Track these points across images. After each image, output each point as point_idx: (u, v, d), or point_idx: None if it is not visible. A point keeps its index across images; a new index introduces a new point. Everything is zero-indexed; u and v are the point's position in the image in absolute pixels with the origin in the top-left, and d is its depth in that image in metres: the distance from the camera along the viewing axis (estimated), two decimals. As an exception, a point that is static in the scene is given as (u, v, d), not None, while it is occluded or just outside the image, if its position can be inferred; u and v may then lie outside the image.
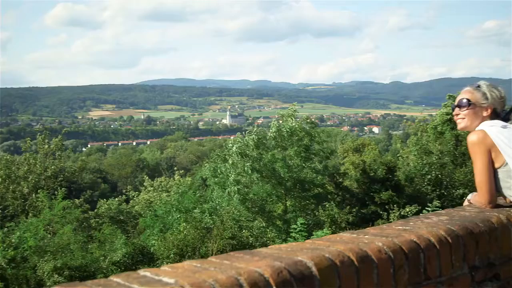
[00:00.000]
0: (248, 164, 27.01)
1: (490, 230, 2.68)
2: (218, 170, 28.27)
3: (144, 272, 1.69)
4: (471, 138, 3.05)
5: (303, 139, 29.17)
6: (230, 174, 27.32)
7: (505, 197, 3.12)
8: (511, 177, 2.98)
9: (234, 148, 28.17)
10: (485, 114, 3.15)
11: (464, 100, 3.18)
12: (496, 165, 3.01)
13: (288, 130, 28.70)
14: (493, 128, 3.03)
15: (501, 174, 3.01)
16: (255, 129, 30.33)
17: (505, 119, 3.16)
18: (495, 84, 3.24)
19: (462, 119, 3.21)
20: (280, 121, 30.27)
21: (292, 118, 29.95)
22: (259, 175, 27.36)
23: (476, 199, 3.12)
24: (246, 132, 30.34)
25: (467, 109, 3.17)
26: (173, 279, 1.60)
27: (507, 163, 2.97)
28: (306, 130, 29.78)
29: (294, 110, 30.97)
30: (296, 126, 29.21)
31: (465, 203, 3.29)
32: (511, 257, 2.78)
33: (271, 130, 29.46)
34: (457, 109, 3.24)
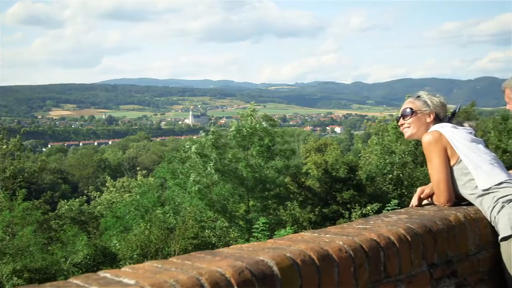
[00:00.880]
0: (211, 164, 26.96)
1: (448, 228, 2.73)
2: (178, 171, 28.16)
3: (104, 273, 1.67)
4: (426, 138, 3.11)
5: (264, 138, 29.22)
6: (189, 175, 27.25)
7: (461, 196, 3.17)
8: (464, 174, 3.04)
9: (193, 148, 28.14)
10: (428, 120, 3.25)
11: (408, 110, 3.29)
12: (451, 163, 3.07)
13: (248, 129, 28.73)
14: (446, 128, 3.11)
15: (455, 171, 3.07)
16: (212, 129, 30.35)
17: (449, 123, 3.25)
18: (434, 93, 3.37)
19: (408, 127, 3.31)
20: (242, 121, 30.29)
21: (251, 118, 30.00)
22: (220, 175, 27.33)
23: (434, 198, 3.17)
24: (204, 132, 30.36)
25: (410, 117, 3.28)
26: (133, 280, 1.59)
27: (460, 161, 3.03)
28: (266, 130, 29.86)
29: (253, 110, 31.04)
30: (257, 125, 29.27)
31: (415, 199, 3.34)
32: (468, 254, 2.84)
33: (230, 130, 29.50)
34: (401, 120, 3.34)
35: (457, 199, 3.19)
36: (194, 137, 32.75)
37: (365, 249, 2.21)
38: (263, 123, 30.37)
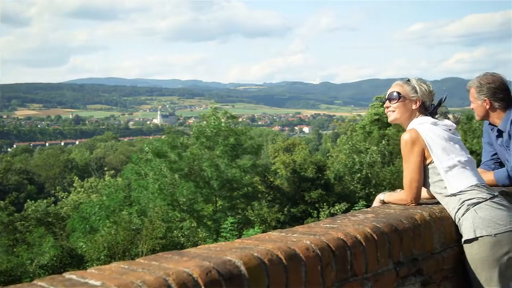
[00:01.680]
0: (163, 164, 26.94)
1: (414, 227, 2.76)
2: (142, 172, 28.05)
3: (70, 275, 1.65)
4: (405, 137, 3.12)
5: (229, 137, 29.24)
6: (149, 175, 27.19)
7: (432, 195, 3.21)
8: (436, 174, 3.08)
9: (147, 148, 28.18)
10: (414, 107, 3.23)
11: (395, 93, 3.26)
12: (426, 162, 3.10)
13: (212, 130, 28.76)
14: (424, 126, 3.12)
15: (430, 170, 3.10)
16: (169, 129, 30.37)
17: (433, 113, 3.26)
18: (424, 80, 3.33)
19: (392, 111, 3.29)
20: (205, 121, 30.31)
21: (214, 117, 30.04)
22: (180, 175, 27.27)
23: (400, 196, 3.19)
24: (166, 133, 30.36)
25: (397, 102, 3.25)
26: (99, 281, 1.57)
27: (434, 160, 3.07)
28: (230, 129, 29.90)
29: (215, 109, 31.06)
30: (222, 125, 29.32)
31: (376, 203, 3.36)
32: (434, 252, 2.88)
33: (193, 130, 29.54)
34: (387, 102, 3.31)
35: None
36: (163, 136, 32.56)
37: (332, 248, 2.23)
38: (223, 121, 30.45)
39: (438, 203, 3.16)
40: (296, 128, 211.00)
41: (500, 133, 3.95)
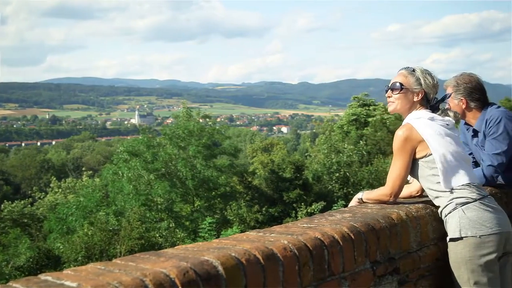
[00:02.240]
0: (137, 164, 26.83)
1: (391, 226, 2.78)
2: (119, 172, 27.90)
3: (45, 276, 1.64)
4: (399, 134, 3.10)
5: (202, 137, 29.21)
6: (125, 175, 27.07)
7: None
8: (429, 168, 3.08)
9: (121, 148, 28.08)
10: (415, 99, 3.20)
11: (397, 84, 3.21)
12: (418, 156, 3.09)
13: (182, 129, 28.73)
14: (421, 120, 3.10)
15: (421, 163, 3.10)
16: (144, 129, 30.30)
17: (435, 107, 3.23)
18: (430, 71, 3.27)
19: (393, 102, 3.25)
20: (178, 122, 30.27)
21: (186, 117, 30.01)
22: (155, 175, 27.19)
23: (381, 191, 3.19)
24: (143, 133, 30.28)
25: (399, 93, 3.21)
26: (75, 282, 1.56)
27: (429, 155, 3.06)
28: (203, 128, 29.90)
29: (187, 108, 31.03)
30: (192, 124, 29.30)
31: (353, 203, 3.36)
32: (410, 251, 2.90)
33: (162, 131, 29.51)
34: (389, 92, 3.26)
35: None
36: (140, 137, 32.41)
37: (310, 247, 2.23)
38: (202, 121, 30.44)
39: (414, 202, 3.19)
40: (274, 128, 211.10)
41: (475, 133, 3.99)
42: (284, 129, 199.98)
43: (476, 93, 3.94)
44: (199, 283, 1.74)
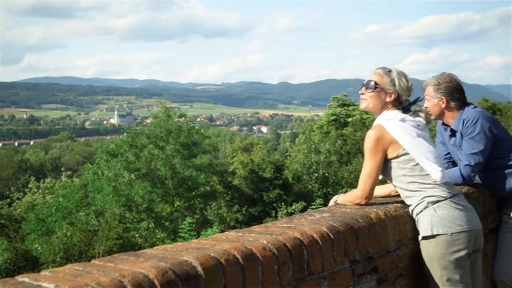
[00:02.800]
0: (119, 164, 26.71)
1: (369, 226, 2.80)
2: (99, 172, 27.72)
3: (22, 277, 1.62)
4: (370, 134, 3.11)
5: (180, 136, 29.16)
6: (105, 175, 26.93)
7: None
8: (401, 168, 3.11)
9: (102, 148, 27.98)
10: (388, 99, 3.22)
11: (372, 83, 3.23)
12: (389, 156, 3.11)
13: (161, 129, 28.67)
14: (392, 122, 3.12)
15: (392, 164, 3.12)
16: (127, 129, 30.18)
17: (406, 109, 3.26)
18: (406, 74, 3.29)
19: (366, 100, 3.26)
20: (156, 122, 30.19)
21: (166, 117, 29.95)
22: (136, 175, 27.08)
23: (353, 193, 3.20)
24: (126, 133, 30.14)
25: (372, 91, 3.23)
26: (53, 283, 1.55)
27: (402, 155, 3.09)
28: (180, 128, 29.84)
29: (165, 108, 30.97)
30: (170, 123, 29.26)
31: (331, 203, 3.37)
32: (389, 250, 2.92)
33: (140, 131, 29.42)
34: (363, 89, 3.28)
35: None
36: (119, 137, 32.26)
37: (289, 247, 2.24)
38: (182, 120, 30.37)
39: (393, 202, 3.21)
40: (254, 128, 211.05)
41: (453, 133, 4.02)
42: (264, 129, 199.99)
43: (457, 92, 3.97)
44: (178, 284, 1.73)
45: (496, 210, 4.13)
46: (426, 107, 4.08)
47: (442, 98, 3.96)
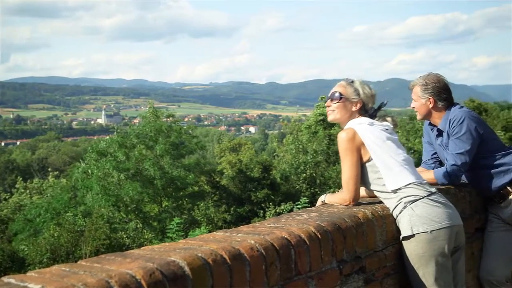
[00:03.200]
0: (109, 163, 26.60)
1: (357, 225, 2.81)
2: (89, 171, 27.57)
3: (8, 278, 1.61)
4: (342, 136, 3.15)
5: (170, 136, 29.08)
6: (95, 174, 26.80)
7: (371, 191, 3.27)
8: (374, 172, 3.14)
9: (90, 148, 27.84)
10: (354, 108, 3.28)
11: (337, 94, 3.30)
12: (363, 160, 3.15)
13: (151, 129, 28.58)
14: (362, 126, 3.17)
15: (368, 168, 3.15)
16: (117, 128, 30.04)
17: (373, 116, 3.32)
18: (368, 82, 3.38)
19: (333, 111, 3.33)
20: (144, 122, 30.09)
21: (154, 117, 29.86)
22: (125, 175, 26.98)
23: (340, 196, 3.23)
24: (115, 132, 30.00)
25: (338, 102, 3.30)
26: (39, 284, 1.54)
27: (372, 159, 3.12)
28: (171, 127, 29.76)
29: (153, 108, 30.88)
30: (161, 124, 29.18)
31: (318, 203, 3.38)
32: (376, 250, 2.93)
33: (130, 131, 29.31)
34: (329, 101, 3.35)
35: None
36: (107, 137, 32.07)
37: (276, 247, 2.24)
38: (169, 120, 30.29)
39: (380, 202, 3.22)
40: (242, 128, 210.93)
41: (440, 133, 4.03)
42: (252, 129, 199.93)
43: (444, 92, 3.99)
44: (166, 284, 1.73)
45: (482, 209, 4.15)
46: (413, 107, 4.11)
47: (429, 98, 3.98)
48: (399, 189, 3.08)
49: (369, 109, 3.33)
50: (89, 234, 19.92)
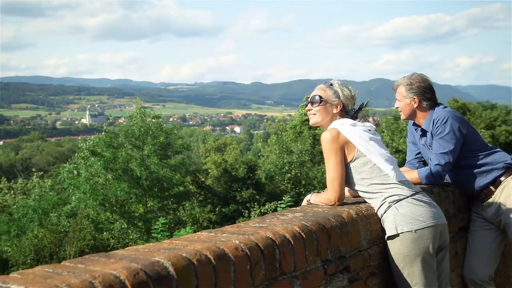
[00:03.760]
0: (100, 162, 26.45)
1: (341, 225, 2.81)
2: (75, 171, 27.39)
3: (-9, 280, 1.60)
4: (325, 136, 3.16)
5: (158, 137, 28.99)
6: (84, 173, 26.63)
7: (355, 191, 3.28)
8: (358, 172, 3.15)
9: (84, 146, 27.61)
10: (335, 111, 3.29)
11: (317, 97, 3.32)
12: (347, 160, 3.15)
13: (140, 129, 28.46)
14: (345, 126, 3.17)
15: (352, 168, 3.16)
16: (106, 128, 29.87)
17: (354, 117, 3.32)
18: (346, 84, 3.38)
19: (314, 114, 3.34)
20: (132, 121, 29.94)
21: (142, 116, 29.75)
22: (113, 174, 26.84)
23: (325, 196, 3.22)
24: (103, 132, 29.80)
25: (318, 105, 3.31)
26: (22, 286, 1.53)
27: (356, 159, 3.13)
28: (160, 128, 29.65)
29: (141, 108, 30.76)
30: (150, 124, 29.06)
31: (304, 203, 3.39)
32: (360, 249, 2.94)
33: (118, 129, 29.16)
34: (310, 105, 3.37)
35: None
36: (92, 136, 31.85)
37: (261, 247, 2.24)
38: (154, 121, 30.19)
39: (365, 201, 3.23)
40: (227, 128, 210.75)
41: (424, 133, 4.05)
42: (237, 129, 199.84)
43: (429, 92, 4.01)
44: (150, 284, 1.73)
45: (466, 209, 4.18)
46: (397, 107, 4.12)
47: (414, 98, 3.99)
48: (383, 189, 3.09)
49: (350, 110, 3.33)
50: (73, 235, 19.80)
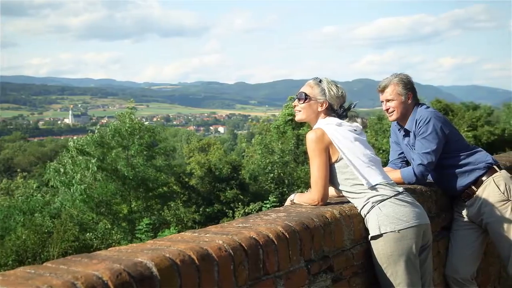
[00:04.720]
0: (93, 161, 26.28)
1: (325, 225, 2.82)
2: (63, 170, 27.17)
3: (-29, 281, 1.59)
4: (310, 136, 3.16)
5: (144, 137, 28.91)
6: (75, 174, 26.42)
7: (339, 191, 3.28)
8: (342, 172, 3.16)
9: (72, 144, 27.42)
10: (320, 109, 3.28)
11: (303, 94, 3.31)
12: (331, 161, 3.16)
13: (127, 129, 28.35)
14: (330, 126, 3.17)
15: (336, 169, 3.17)
16: (97, 128, 29.70)
17: (342, 116, 3.31)
18: (336, 83, 3.36)
19: (299, 111, 3.34)
20: (121, 121, 29.79)
21: (132, 116, 29.63)
22: (103, 174, 26.71)
23: (309, 196, 3.23)
24: (89, 132, 29.62)
25: (304, 103, 3.30)
26: (4, 287, 1.52)
27: (341, 159, 3.14)
28: (146, 127, 29.58)
29: (131, 108, 30.67)
30: (137, 125, 28.97)
31: (287, 203, 3.40)
32: (344, 249, 2.95)
33: (109, 129, 29.00)
34: (296, 101, 3.36)
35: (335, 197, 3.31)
36: (74, 137, 31.60)
37: (245, 247, 2.25)
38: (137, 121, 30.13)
39: (348, 201, 3.24)
40: (211, 128, 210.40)
41: (407, 133, 4.07)
42: (221, 129, 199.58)
43: (415, 90, 4.05)
44: (133, 285, 1.72)
45: (448, 208, 4.21)
46: (387, 109, 4.08)
47: (409, 94, 4.00)
48: (367, 189, 3.10)
49: (337, 109, 3.32)
50: (57, 236, 19.64)
